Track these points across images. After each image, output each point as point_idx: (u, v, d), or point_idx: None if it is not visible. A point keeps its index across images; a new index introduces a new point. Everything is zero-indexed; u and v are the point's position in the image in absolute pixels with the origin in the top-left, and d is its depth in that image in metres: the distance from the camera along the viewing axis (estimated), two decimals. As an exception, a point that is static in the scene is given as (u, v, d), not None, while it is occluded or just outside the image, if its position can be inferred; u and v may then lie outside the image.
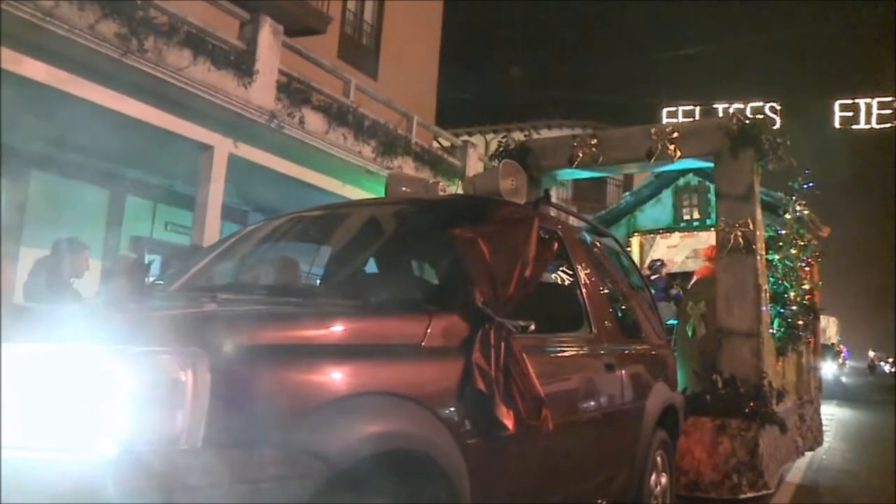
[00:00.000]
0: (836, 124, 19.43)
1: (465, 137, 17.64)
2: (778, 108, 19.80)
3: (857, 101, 19.25)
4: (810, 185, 8.99)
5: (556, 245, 3.11)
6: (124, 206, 12.37)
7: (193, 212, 10.33)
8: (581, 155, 8.02)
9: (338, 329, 2.40)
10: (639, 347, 4.82)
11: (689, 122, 7.69)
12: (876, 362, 73.58)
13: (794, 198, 9.07)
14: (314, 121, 11.32)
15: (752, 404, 6.81)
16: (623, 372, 4.20)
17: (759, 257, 7.30)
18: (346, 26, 16.10)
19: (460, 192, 6.57)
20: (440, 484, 2.50)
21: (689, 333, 7.84)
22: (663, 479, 4.90)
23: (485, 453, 2.78)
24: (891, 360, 74.78)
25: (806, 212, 9.13)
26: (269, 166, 11.11)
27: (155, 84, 8.91)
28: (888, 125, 19.16)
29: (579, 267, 4.19)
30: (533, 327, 2.94)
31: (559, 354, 3.49)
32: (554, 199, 8.69)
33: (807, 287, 9.30)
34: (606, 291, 4.68)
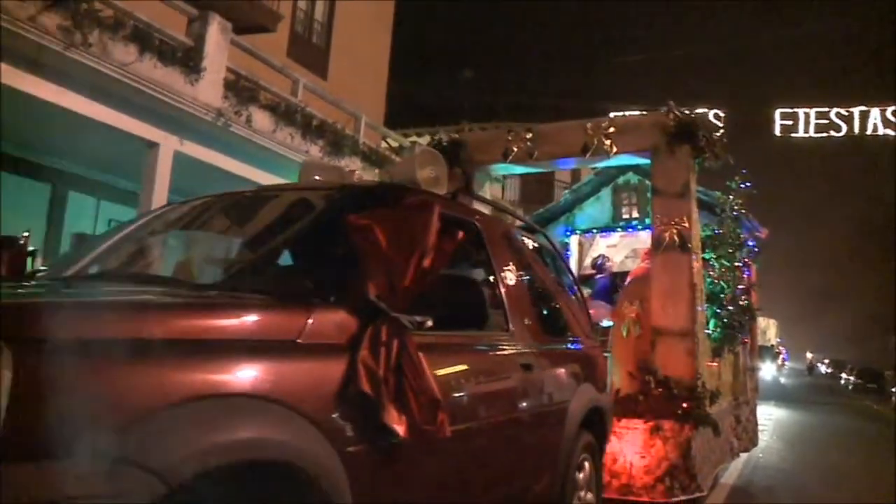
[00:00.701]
0: (777, 132, 19.86)
1: (414, 138, 17.49)
2: (722, 114, 20.00)
3: (796, 110, 19.76)
4: (747, 184, 8.89)
5: (460, 235, 2.83)
6: (66, 202, 12.10)
7: (137, 209, 10.03)
8: (515, 149, 7.79)
9: (188, 321, 2.09)
10: (564, 347, 4.60)
11: (626, 116, 7.49)
12: (814, 364, 75.09)
13: (731, 197, 8.96)
14: (261, 119, 11.24)
15: (685, 406, 6.65)
16: (543, 372, 3.96)
17: (694, 256, 7.14)
18: (297, 25, 16.06)
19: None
20: (312, 498, 2.20)
21: (624, 333, 7.66)
22: (589, 484, 4.67)
23: (371, 463, 2.50)
24: (827, 361, 76.25)
25: (743, 211, 9.03)
26: (216, 164, 10.92)
27: (99, 79, 8.73)
28: (824, 134, 19.64)
29: (499, 262, 3.93)
30: (430, 323, 2.66)
31: (467, 353, 3.21)
32: (488, 195, 8.46)
33: (743, 287, 9.20)
34: (530, 289, 4.43)
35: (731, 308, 8.61)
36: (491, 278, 3.87)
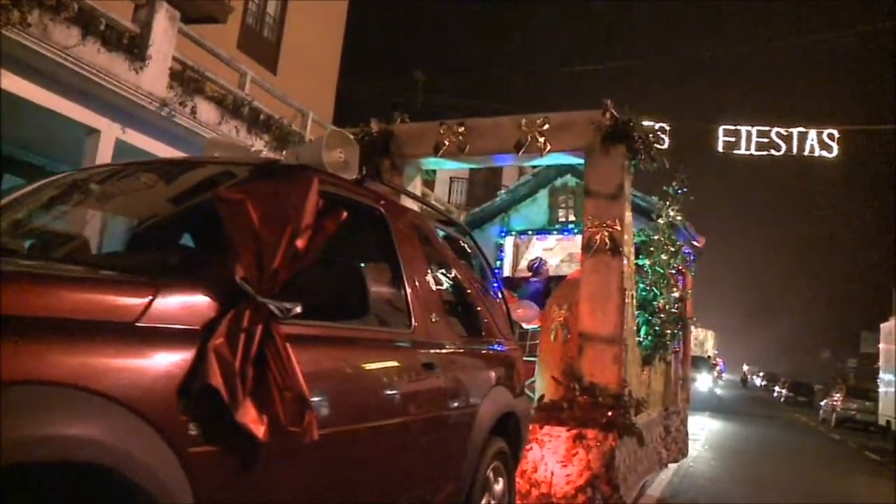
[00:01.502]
0: (720, 149, 20.25)
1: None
2: (667, 128, 20.13)
3: (739, 127, 20.16)
4: (684, 189, 8.74)
5: (341, 215, 2.51)
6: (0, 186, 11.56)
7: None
8: (447, 143, 7.50)
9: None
10: (477, 348, 4.30)
11: (561, 114, 7.23)
12: (749, 376, 76.54)
13: (668, 202, 8.80)
14: (207, 111, 11.14)
15: (610, 414, 6.42)
16: (448, 373, 3.66)
17: (625, 260, 6.93)
18: (248, 17, 15.81)
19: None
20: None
21: (552, 338, 7.42)
22: (500, 494, 4.38)
23: (222, 468, 2.16)
24: (762, 374, 77.81)
25: (679, 217, 8.87)
26: (158, 154, 10.52)
27: (39, 61, 8.48)
28: (765, 153, 20.05)
29: (405, 252, 3.62)
30: (299, 309, 2.33)
31: (353, 348, 2.87)
32: (418, 190, 8.15)
33: (677, 295, 9.05)
34: (440, 284, 4.14)
35: (663, 316, 8.43)
36: (394, 270, 3.56)
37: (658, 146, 7.11)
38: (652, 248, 8.50)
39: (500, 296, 5.17)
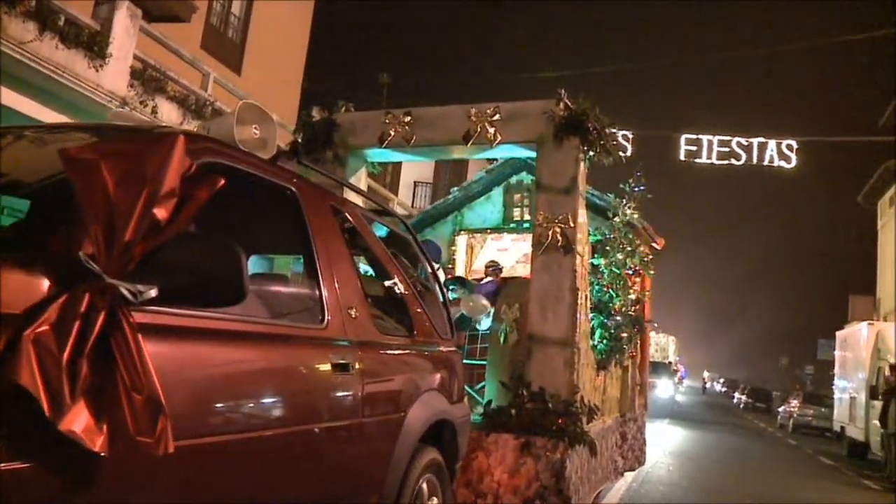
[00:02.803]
0: (682, 157, 20.38)
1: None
2: (630, 136, 20.01)
3: (700, 137, 20.27)
4: (641, 187, 8.40)
5: (217, 182, 2.08)
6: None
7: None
8: (392, 133, 7.07)
9: None
10: (407, 348, 3.88)
11: (513, 104, 6.84)
12: (709, 382, 77.01)
13: (624, 200, 8.46)
14: (168, 111, 11.03)
15: (560, 421, 6.03)
16: (368, 375, 3.23)
17: (578, 258, 6.56)
18: (213, 17, 15.61)
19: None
20: None
21: (501, 339, 7.02)
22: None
23: (43, 489, 1.72)
24: (722, 380, 78.33)
25: (636, 215, 8.53)
26: None
27: None
28: (724, 162, 20.25)
29: (320, 238, 3.19)
30: (154, 293, 1.89)
31: (234, 343, 2.41)
32: (363, 184, 7.71)
33: (634, 297, 8.70)
34: (365, 276, 3.72)
35: (619, 318, 8.08)
36: (307, 257, 3.13)
37: (613, 142, 6.72)
38: (608, 248, 8.14)
39: (440, 293, 4.76)
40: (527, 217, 10.28)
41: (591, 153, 6.67)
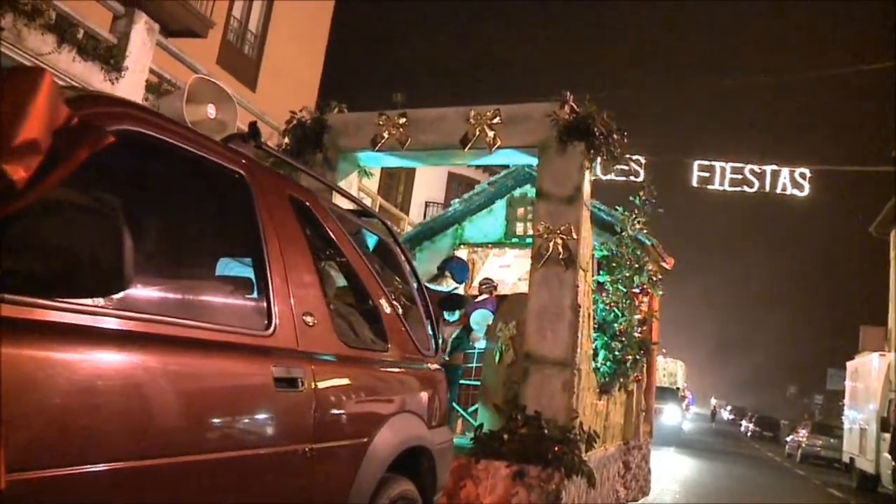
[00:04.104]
0: (695, 183, 20.29)
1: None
2: (643, 161, 19.68)
3: (713, 163, 20.09)
4: (653, 200, 7.91)
5: (103, 138, 1.62)
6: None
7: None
8: (386, 135, 6.63)
9: None
10: (377, 363, 3.40)
11: (514, 106, 6.39)
12: (718, 409, 76.06)
13: (633, 214, 7.97)
14: None
15: (556, 449, 5.53)
16: (323, 393, 2.74)
17: (581, 273, 6.08)
18: (230, 33, 15.65)
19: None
20: None
21: (496, 359, 6.53)
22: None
23: None
24: (730, 407, 77.29)
25: (645, 231, 8.03)
26: None
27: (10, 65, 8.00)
28: (737, 189, 20.11)
29: (271, 230, 2.72)
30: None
31: (125, 346, 1.89)
32: (354, 189, 7.26)
33: (640, 317, 8.18)
34: (329, 279, 3.26)
35: (624, 340, 7.56)
36: (255, 253, 2.66)
37: (621, 149, 6.23)
38: (614, 264, 7.65)
39: (423, 304, 4.27)
40: (530, 232, 9.77)
41: (598, 160, 6.20)
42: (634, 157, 18.55)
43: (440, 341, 4.37)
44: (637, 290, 7.91)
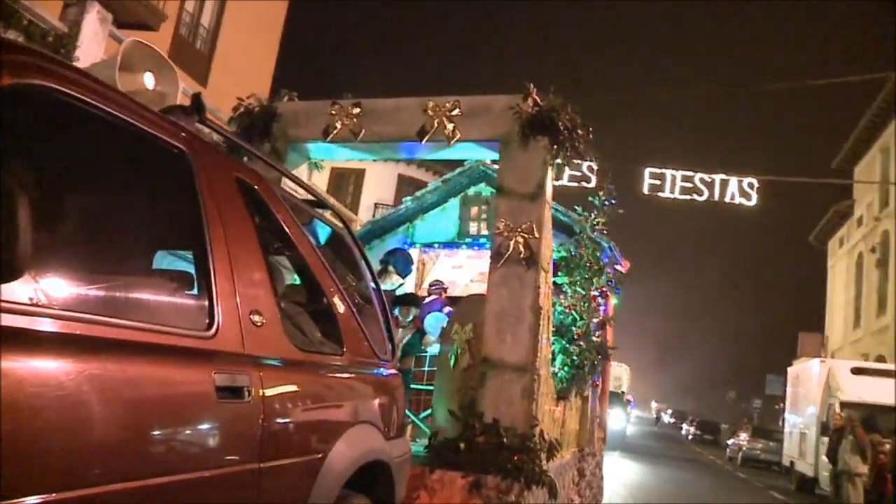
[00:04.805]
0: (646, 190, 20.47)
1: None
2: (595, 167, 19.69)
3: (664, 171, 20.24)
4: (612, 201, 7.69)
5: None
6: None
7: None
8: (339, 126, 6.27)
9: None
10: (332, 368, 3.06)
11: (475, 98, 6.09)
12: (660, 413, 76.87)
13: (592, 214, 7.72)
14: None
15: (515, 458, 5.23)
16: (272, 403, 2.40)
17: (542, 273, 5.81)
18: (182, 27, 15.38)
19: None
20: None
21: (451, 363, 6.21)
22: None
23: None
24: (671, 411, 78.17)
25: (605, 232, 7.81)
26: None
27: None
28: (687, 197, 20.35)
29: (215, 216, 2.36)
30: None
31: (44, 355, 1.51)
32: (311, 179, 6.88)
33: (598, 321, 7.94)
34: (280, 274, 2.91)
35: (582, 344, 7.31)
36: (195, 241, 2.30)
37: (585, 144, 5.97)
38: (573, 266, 7.39)
39: (380, 304, 3.93)
40: (484, 232, 9.53)
41: (561, 156, 5.93)
42: (587, 164, 18.58)
43: (395, 344, 4.03)
44: (595, 293, 7.68)
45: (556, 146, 5.87)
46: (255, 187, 2.80)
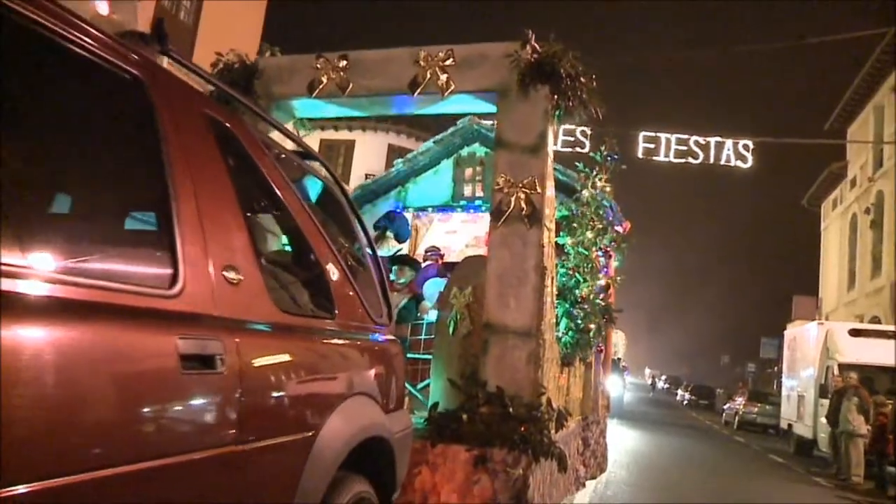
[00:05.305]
0: (640, 154, 20.30)
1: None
2: (588, 132, 19.37)
3: (658, 134, 19.92)
4: (615, 157, 7.30)
5: None
6: None
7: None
8: (325, 80, 5.86)
9: None
10: (322, 333, 2.68)
11: (470, 46, 5.68)
12: (655, 380, 77.04)
13: (594, 171, 7.34)
14: None
15: (522, 429, 4.90)
16: (251, 373, 2.03)
17: (546, 231, 5.44)
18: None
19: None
20: None
21: (450, 330, 5.85)
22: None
23: None
24: (664, 377, 78.29)
25: (608, 189, 7.42)
26: None
27: None
28: (682, 160, 20.16)
29: (178, 157, 1.98)
30: None
31: None
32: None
33: (603, 283, 7.58)
34: (258, 226, 2.54)
35: (586, 307, 6.95)
36: (155, 181, 1.92)
37: (589, 93, 5.56)
38: (575, 225, 7.02)
39: (374, 264, 3.56)
40: (479, 194, 9.14)
41: (563, 106, 5.54)
42: (580, 128, 18.28)
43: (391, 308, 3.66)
44: (599, 254, 7.32)
45: (557, 95, 5.48)
46: (229, 125, 2.41)
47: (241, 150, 2.45)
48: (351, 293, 2.97)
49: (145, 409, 1.63)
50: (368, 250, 3.56)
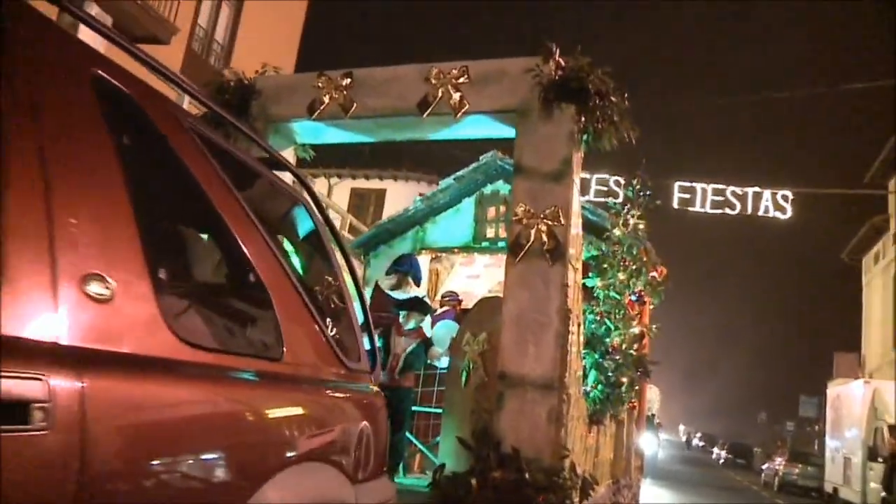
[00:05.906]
0: (675, 205, 19.88)
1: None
2: (622, 181, 18.96)
3: (694, 184, 19.53)
4: (648, 192, 6.62)
5: None
6: None
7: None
8: (327, 100, 5.30)
9: None
10: (253, 377, 1.99)
11: (486, 62, 5.09)
12: (690, 437, 75.04)
13: (626, 207, 6.65)
14: None
15: (541, 499, 4.16)
16: (104, 432, 1.37)
17: (571, 270, 4.76)
18: (195, 42, 14.95)
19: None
20: None
21: (462, 381, 5.15)
22: None
23: None
24: (699, 434, 76.25)
25: (641, 226, 6.71)
26: None
27: None
28: (719, 211, 19.47)
29: (25, 119, 1.36)
30: None
31: None
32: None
33: (637, 331, 6.78)
34: (167, 230, 1.92)
35: (618, 358, 6.20)
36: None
37: (620, 103, 4.92)
38: (605, 266, 6.30)
39: (356, 301, 2.91)
40: (502, 235, 8.46)
41: (591, 129, 4.90)
42: (613, 178, 17.82)
43: (381, 353, 2.99)
44: (633, 298, 6.58)
45: (584, 116, 4.85)
46: (132, 94, 1.79)
47: (150, 128, 1.83)
48: (312, 331, 2.30)
49: None
50: (351, 284, 2.90)
